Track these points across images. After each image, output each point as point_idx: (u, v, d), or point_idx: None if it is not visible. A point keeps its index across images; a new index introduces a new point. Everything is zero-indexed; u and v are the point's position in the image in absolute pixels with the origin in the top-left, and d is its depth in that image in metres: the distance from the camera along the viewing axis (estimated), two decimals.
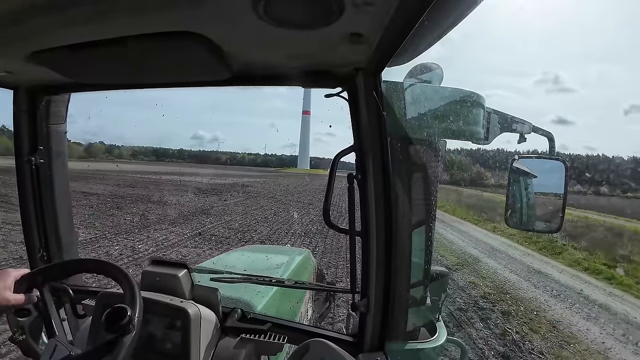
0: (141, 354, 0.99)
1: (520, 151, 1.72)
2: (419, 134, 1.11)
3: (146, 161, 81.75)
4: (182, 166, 61.21)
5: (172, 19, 0.74)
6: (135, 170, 32.70)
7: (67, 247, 1.50)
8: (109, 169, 33.33)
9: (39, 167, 1.39)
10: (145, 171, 32.70)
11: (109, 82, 1.23)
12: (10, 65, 1.07)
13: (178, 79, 1.16)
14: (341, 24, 0.72)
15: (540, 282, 7.89)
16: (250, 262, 2.49)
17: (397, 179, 1.02)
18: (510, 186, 1.48)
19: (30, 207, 1.41)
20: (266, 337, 1.22)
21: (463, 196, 22.43)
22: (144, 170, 34.75)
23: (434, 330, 1.33)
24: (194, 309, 1.15)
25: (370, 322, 1.11)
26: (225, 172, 48.19)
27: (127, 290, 0.93)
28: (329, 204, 1.07)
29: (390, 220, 1.02)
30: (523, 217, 1.60)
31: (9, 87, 1.32)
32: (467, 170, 29.24)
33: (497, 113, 1.36)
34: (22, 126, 1.36)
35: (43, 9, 0.69)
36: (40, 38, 0.84)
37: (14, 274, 1.02)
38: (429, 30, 0.81)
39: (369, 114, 0.98)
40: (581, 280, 8.30)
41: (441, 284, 1.37)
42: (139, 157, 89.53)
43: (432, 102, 1.12)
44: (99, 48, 0.84)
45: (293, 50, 0.91)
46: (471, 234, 13.07)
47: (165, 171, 35.17)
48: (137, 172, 30.60)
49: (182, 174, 31.56)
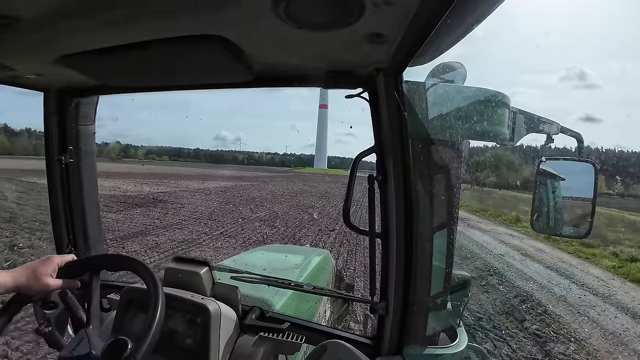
0: (162, 348, 1.01)
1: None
2: (442, 135, 1.08)
3: (157, 161, 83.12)
4: (184, 166, 60.70)
5: (196, 23, 0.75)
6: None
7: (94, 243, 1.56)
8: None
9: (68, 166, 1.44)
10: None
11: (135, 84, 1.26)
12: (41, 68, 1.11)
13: (201, 81, 1.18)
14: (362, 24, 0.72)
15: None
16: (269, 261, 2.51)
17: (419, 180, 1.00)
18: (536, 189, 1.42)
19: (60, 205, 1.48)
20: (284, 337, 1.23)
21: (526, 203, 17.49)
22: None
23: (455, 336, 1.29)
24: (215, 306, 1.17)
25: (388, 325, 1.10)
26: (221, 172, 46.03)
27: (150, 287, 0.95)
28: (350, 204, 1.06)
29: (411, 222, 1.00)
30: (550, 221, 1.55)
31: (39, 90, 1.38)
32: (518, 172, 26.85)
33: (523, 113, 1.31)
34: (51, 127, 1.42)
35: (72, 14, 0.71)
36: (70, 42, 0.86)
37: (57, 261, 1.03)
38: (452, 29, 0.79)
39: (390, 115, 0.96)
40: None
41: (463, 289, 1.34)
42: (150, 157, 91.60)
43: (455, 102, 1.09)
44: (125, 52, 0.86)
45: (314, 51, 0.91)
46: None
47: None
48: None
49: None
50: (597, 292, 7.08)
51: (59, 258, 1.04)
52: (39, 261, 1.01)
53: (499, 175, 27.90)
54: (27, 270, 0.98)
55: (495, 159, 24.31)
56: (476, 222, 15.53)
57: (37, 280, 0.97)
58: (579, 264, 9.42)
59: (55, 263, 1.02)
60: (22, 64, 1.06)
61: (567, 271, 8.53)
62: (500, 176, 27.87)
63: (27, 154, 52.51)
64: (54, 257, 1.03)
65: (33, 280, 0.97)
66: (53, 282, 1.00)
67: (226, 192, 21.16)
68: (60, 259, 1.04)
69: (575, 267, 9.04)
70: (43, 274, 0.98)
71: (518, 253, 10.05)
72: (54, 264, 1.02)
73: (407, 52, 0.84)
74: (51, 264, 1.01)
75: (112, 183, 20.26)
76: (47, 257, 1.03)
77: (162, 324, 0.91)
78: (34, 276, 0.97)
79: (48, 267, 1.00)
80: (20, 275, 0.96)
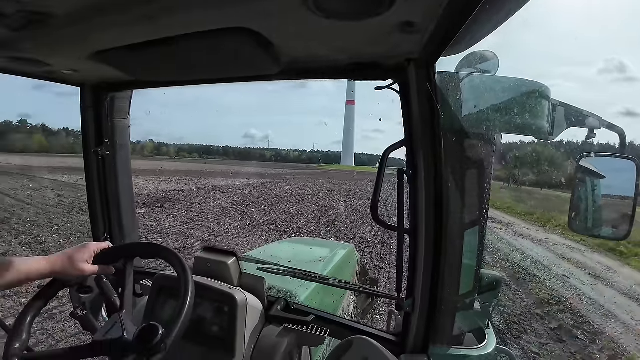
0: (190, 334, 1.04)
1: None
2: (475, 128, 1.03)
3: (187, 158, 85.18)
4: (211, 163, 60.76)
5: (226, 16, 0.75)
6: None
7: (129, 232, 1.63)
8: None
9: (104, 158, 1.51)
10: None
11: (167, 79, 1.29)
12: (76, 65, 1.14)
13: (229, 74, 1.19)
14: (392, 13, 0.69)
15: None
16: (295, 253, 2.55)
17: (450, 175, 0.97)
18: (576, 187, 1.35)
19: (97, 195, 1.55)
20: (308, 329, 1.24)
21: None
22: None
23: (483, 337, 1.25)
24: (241, 295, 1.20)
25: (414, 322, 1.08)
26: (245, 170, 44.77)
27: (181, 275, 0.98)
28: (378, 199, 1.04)
29: (441, 219, 0.97)
30: (588, 221, 1.46)
31: (76, 85, 1.43)
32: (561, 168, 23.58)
33: (563, 105, 1.23)
34: (88, 121, 1.48)
35: (105, 10, 0.72)
36: (103, 38, 0.88)
37: (93, 248, 1.06)
38: (490, 16, 0.75)
39: (421, 107, 0.93)
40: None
41: (493, 289, 1.29)
42: (181, 155, 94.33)
43: (492, 93, 1.04)
44: (157, 47, 0.88)
45: (343, 42, 0.89)
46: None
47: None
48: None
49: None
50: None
51: (95, 245, 1.07)
52: (76, 248, 1.04)
53: (540, 172, 24.98)
54: (64, 256, 1.01)
55: (537, 154, 22.05)
56: (524, 228, 13.56)
57: (74, 266, 1.00)
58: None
59: (91, 250, 1.05)
60: (57, 60, 1.09)
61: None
62: (540, 173, 25.02)
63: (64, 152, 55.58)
64: (90, 244, 1.07)
65: (69, 266, 1.00)
66: (89, 268, 1.03)
67: (244, 190, 20.19)
68: (96, 246, 1.07)
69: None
70: (79, 260, 1.01)
71: (584, 273, 8.16)
72: (90, 251, 1.05)
73: (441, 42, 0.80)
74: (87, 250, 1.04)
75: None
76: (84, 244, 1.06)
77: (191, 311, 0.93)
78: (70, 262, 1.00)
79: (84, 253, 1.03)
80: (57, 261, 0.99)
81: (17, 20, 0.75)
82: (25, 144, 61.47)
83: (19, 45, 0.92)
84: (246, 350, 1.17)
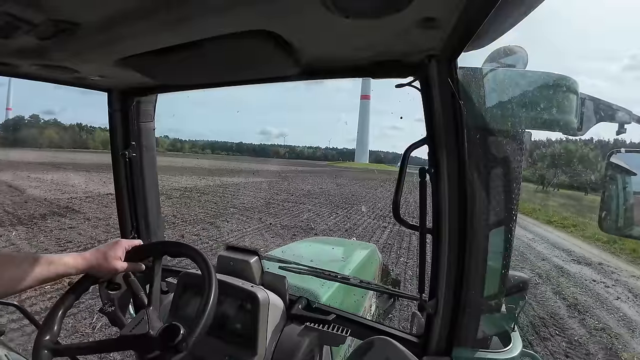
0: (214, 330, 1.06)
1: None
2: (501, 125, 1.00)
3: (200, 154, 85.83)
4: (220, 160, 59.93)
5: (246, 18, 0.76)
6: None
7: (155, 230, 1.69)
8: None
9: (131, 160, 1.57)
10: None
11: (190, 82, 1.33)
12: (103, 70, 1.18)
13: (250, 77, 1.21)
14: (412, 9, 0.68)
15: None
16: (316, 253, 2.56)
17: (475, 173, 0.94)
18: (606, 184, 1.29)
19: (125, 195, 1.61)
20: (330, 328, 1.24)
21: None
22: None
23: (508, 341, 1.21)
24: (263, 294, 1.21)
25: (437, 324, 1.06)
26: (258, 167, 43.53)
27: (205, 274, 1.00)
28: (399, 197, 1.03)
29: (465, 219, 0.94)
30: (619, 220, 1.39)
31: (103, 90, 1.49)
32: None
33: (592, 100, 1.18)
34: (116, 124, 1.54)
35: (130, 18, 0.74)
36: (128, 45, 0.91)
37: (125, 245, 1.09)
38: (513, 9, 0.73)
39: (444, 104, 0.91)
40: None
41: (520, 292, 1.25)
42: (193, 151, 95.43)
43: (518, 88, 1.00)
44: (180, 51, 0.90)
45: (362, 40, 0.88)
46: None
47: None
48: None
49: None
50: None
51: (126, 242, 1.10)
52: (109, 245, 1.07)
53: (580, 173, 21.85)
54: (99, 253, 1.04)
55: (573, 154, 19.46)
56: (580, 250, 9.94)
57: (108, 262, 1.04)
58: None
59: (123, 247, 1.08)
60: (85, 67, 1.13)
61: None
62: (573, 175, 22.17)
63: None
64: (122, 241, 1.09)
65: (104, 263, 1.03)
66: (121, 264, 1.06)
67: (238, 190, 17.54)
68: (128, 243, 1.10)
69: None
70: (113, 257, 1.04)
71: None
72: (122, 248, 1.08)
73: (463, 36, 0.78)
74: (120, 247, 1.07)
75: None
76: (116, 241, 1.09)
77: (214, 310, 0.95)
78: (104, 258, 1.03)
79: (117, 250, 1.06)
80: (92, 257, 1.02)
81: (46, 29, 0.78)
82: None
83: (49, 53, 0.96)
84: (268, 347, 1.18)
